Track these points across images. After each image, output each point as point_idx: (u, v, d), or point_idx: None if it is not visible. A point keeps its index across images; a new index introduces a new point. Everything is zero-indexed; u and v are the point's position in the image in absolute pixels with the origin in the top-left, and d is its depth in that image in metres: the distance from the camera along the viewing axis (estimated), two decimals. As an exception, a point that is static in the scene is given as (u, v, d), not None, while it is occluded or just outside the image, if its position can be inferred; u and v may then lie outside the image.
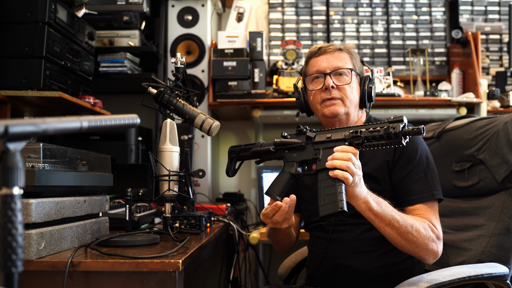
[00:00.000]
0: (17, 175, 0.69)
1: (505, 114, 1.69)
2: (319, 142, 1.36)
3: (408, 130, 1.20)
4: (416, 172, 1.47)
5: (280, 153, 1.43)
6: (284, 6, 2.85)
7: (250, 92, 2.46)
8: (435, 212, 1.45)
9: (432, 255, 1.39)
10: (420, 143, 1.53)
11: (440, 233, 1.41)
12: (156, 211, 1.92)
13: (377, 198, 1.32)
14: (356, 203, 1.30)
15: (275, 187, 1.38)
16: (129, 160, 2.32)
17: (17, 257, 0.68)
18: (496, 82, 2.67)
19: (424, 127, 1.19)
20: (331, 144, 1.33)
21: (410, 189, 1.46)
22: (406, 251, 1.39)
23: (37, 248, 1.11)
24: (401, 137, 1.21)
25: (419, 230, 1.35)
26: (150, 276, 1.11)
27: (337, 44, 1.61)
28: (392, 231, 1.34)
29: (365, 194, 1.29)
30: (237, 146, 1.54)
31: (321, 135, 1.37)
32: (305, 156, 1.38)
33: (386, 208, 1.32)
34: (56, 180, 1.20)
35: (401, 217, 1.34)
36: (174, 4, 2.57)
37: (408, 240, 1.34)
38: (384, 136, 1.23)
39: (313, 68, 1.58)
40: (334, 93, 1.53)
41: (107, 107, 2.22)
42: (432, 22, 2.82)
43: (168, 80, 1.75)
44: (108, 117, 0.87)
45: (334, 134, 1.34)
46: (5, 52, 1.76)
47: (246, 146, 1.52)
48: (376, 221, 1.33)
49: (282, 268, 1.98)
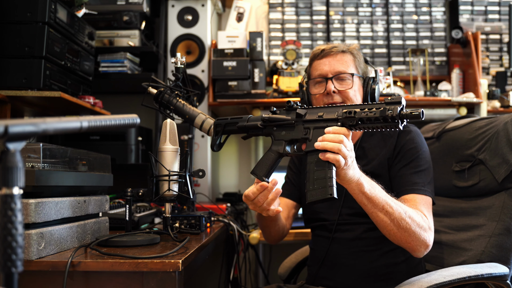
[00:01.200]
0: (17, 175, 0.69)
1: (505, 114, 1.69)
2: (310, 121, 1.28)
3: (406, 113, 1.14)
4: (413, 166, 1.49)
5: (268, 130, 1.35)
6: (284, 6, 2.85)
7: (250, 92, 2.46)
8: (427, 206, 1.44)
9: (424, 245, 1.36)
10: (421, 143, 1.54)
11: (431, 225, 1.40)
12: (156, 211, 1.92)
13: (370, 181, 1.28)
14: (348, 186, 1.25)
15: (262, 166, 1.31)
16: (129, 160, 2.32)
17: (17, 257, 0.68)
18: (496, 82, 2.67)
19: (423, 111, 1.13)
20: (322, 123, 1.25)
21: (406, 180, 1.47)
22: (398, 241, 1.35)
23: (37, 248, 1.11)
24: (398, 121, 1.14)
25: (412, 217, 1.32)
26: (150, 276, 1.11)
27: (341, 45, 1.59)
28: (385, 217, 1.30)
29: (358, 176, 1.23)
30: (223, 119, 1.43)
31: (313, 113, 1.29)
32: (295, 135, 1.30)
33: (379, 192, 1.28)
34: (56, 180, 1.20)
35: (394, 203, 1.30)
36: (174, 4, 2.57)
37: (401, 227, 1.31)
38: (380, 119, 1.16)
39: (316, 71, 1.58)
40: (335, 97, 1.52)
41: (107, 107, 2.22)
42: (432, 22, 2.82)
43: (168, 80, 1.75)
44: (108, 117, 0.87)
45: (327, 113, 1.26)
46: (5, 52, 1.76)
47: (233, 120, 1.41)
48: (369, 205, 1.29)
49: (282, 268, 1.98)
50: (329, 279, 1.55)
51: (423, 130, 1.95)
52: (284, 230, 1.62)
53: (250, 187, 1.31)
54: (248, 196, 1.30)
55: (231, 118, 1.41)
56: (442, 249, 1.67)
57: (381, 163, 1.53)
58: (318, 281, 1.58)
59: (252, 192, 1.29)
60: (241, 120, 1.39)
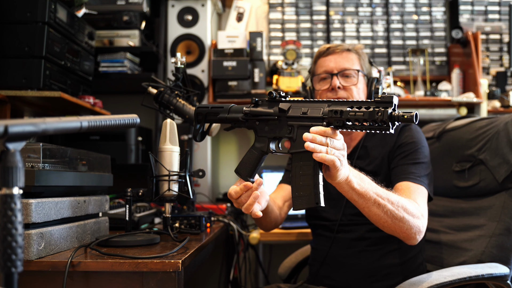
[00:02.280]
0: (17, 175, 0.69)
1: (505, 114, 1.69)
2: (294, 118, 1.18)
3: (398, 115, 1.03)
4: (411, 158, 1.49)
5: (250, 123, 1.25)
6: (284, 6, 2.85)
7: (250, 92, 2.46)
8: (421, 196, 1.41)
9: (418, 232, 1.32)
10: (421, 139, 1.55)
11: (424, 212, 1.37)
12: (156, 211, 1.92)
13: (359, 175, 1.22)
14: (338, 185, 1.18)
15: (245, 165, 1.25)
16: (129, 160, 2.32)
17: (16, 257, 0.68)
18: (496, 82, 2.67)
19: (417, 114, 1.02)
20: (307, 122, 1.15)
21: (402, 170, 1.47)
22: (392, 231, 1.32)
23: (37, 248, 1.10)
24: (388, 124, 1.04)
25: (405, 206, 1.28)
26: (150, 276, 1.10)
27: (346, 44, 1.61)
28: (378, 210, 1.25)
29: (347, 173, 1.15)
30: (204, 107, 1.32)
31: (297, 108, 1.19)
32: (278, 132, 1.21)
33: (369, 185, 1.22)
34: (56, 180, 1.20)
35: (385, 193, 1.25)
36: (174, 4, 2.57)
37: (395, 217, 1.26)
38: (369, 121, 1.05)
39: (321, 68, 1.59)
40: (340, 93, 1.53)
41: (107, 107, 2.22)
42: (432, 22, 2.82)
43: (168, 80, 1.75)
44: (108, 117, 0.87)
45: (311, 109, 1.16)
46: (5, 52, 1.76)
47: (214, 109, 1.30)
48: (360, 201, 1.23)
49: (282, 268, 1.98)
50: (330, 279, 1.55)
51: (423, 130, 1.95)
52: (276, 221, 1.58)
53: (234, 185, 1.25)
54: (231, 195, 1.25)
55: (212, 107, 1.31)
56: (442, 249, 1.67)
57: (382, 161, 1.55)
58: (319, 280, 1.58)
59: (235, 191, 1.23)
60: (222, 111, 1.29)
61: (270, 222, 1.55)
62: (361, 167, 1.56)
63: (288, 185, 1.67)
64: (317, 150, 1.07)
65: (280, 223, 1.61)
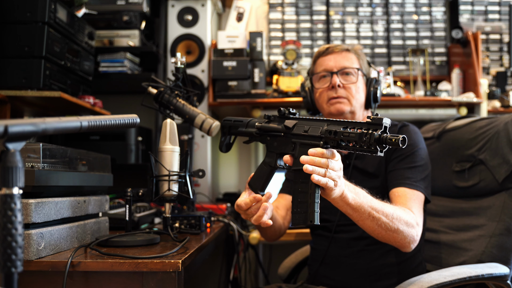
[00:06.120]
0: (17, 175, 0.69)
1: (505, 114, 1.69)
2: (296, 135, 1.23)
3: (385, 139, 1.03)
4: (408, 161, 1.50)
5: (263, 138, 1.34)
6: (284, 6, 2.85)
7: (250, 92, 2.46)
8: (417, 202, 1.42)
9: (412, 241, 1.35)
10: (418, 141, 1.55)
11: (419, 220, 1.38)
12: (156, 211, 1.92)
13: (354, 189, 1.24)
14: (332, 201, 1.20)
15: (257, 179, 1.31)
16: (129, 160, 2.32)
17: (16, 257, 0.68)
18: (497, 82, 2.67)
19: (405, 137, 1.02)
20: (307, 140, 1.19)
21: (398, 174, 1.48)
22: (386, 241, 1.34)
23: (37, 248, 1.10)
24: (376, 147, 1.04)
25: (399, 217, 1.29)
26: (150, 276, 1.10)
27: (345, 45, 1.63)
28: (372, 223, 1.26)
29: (342, 190, 1.17)
30: (228, 120, 1.44)
31: (300, 126, 1.23)
32: (284, 148, 1.27)
33: (364, 199, 1.24)
34: (56, 180, 1.20)
35: (380, 206, 1.26)
36: (174, 4, 2.57)
37: (389, 229, 1.28)
38: (358, 142, 1.06)
39: (321, 67, 1.61)
40: (340, 91, 1.55)
41: (107, 107, 2.22)
42: (432, 22, 2.82)
43: (168, 80, 1.75)
44: (108, 117, 0.87)
45: (312, 127, 1.20)
46: (5, 52, 1.76)
47: (235, 123, 1.42)
48: (354, 215, 1.25)
49: (282, 268, 1.98)
50: (329, 278, 1.56)
51: (423, 130, 1.95)
52: (280, 230, 1.60)
53: (242, 197, 1.31)
54: (240, 206, 1.29)
55: (234, 121, 1.42)
56: (442, 249, 1.67)
57: (380, 161, 1.55)
58: (319, 280, 1.59)
59: (245, 203, 1.28)
60: (241, 124, 1.40)
61: (274, 232, 1.57)
62: (359, 167, 1.56)
63: (288, 195, 1.67)
64: (315, 172, 1.10)
65: (284, 232, 1.63)
